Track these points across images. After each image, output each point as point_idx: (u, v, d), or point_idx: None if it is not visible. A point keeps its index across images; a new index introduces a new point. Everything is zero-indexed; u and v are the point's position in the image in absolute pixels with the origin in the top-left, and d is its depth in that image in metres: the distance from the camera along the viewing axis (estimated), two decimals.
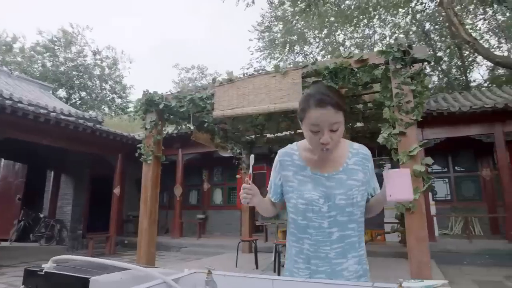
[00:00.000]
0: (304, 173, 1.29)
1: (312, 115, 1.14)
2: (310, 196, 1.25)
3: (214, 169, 12.03)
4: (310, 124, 1.16)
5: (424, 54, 3.54)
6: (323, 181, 1.26)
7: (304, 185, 1.27)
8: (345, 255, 1.26)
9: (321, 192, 1.25)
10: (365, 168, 1.29)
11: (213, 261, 6.61)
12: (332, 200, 1.24)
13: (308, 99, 1.17)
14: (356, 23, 15.25)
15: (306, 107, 1.17)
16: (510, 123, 6.96)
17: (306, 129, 1.20)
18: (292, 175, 1.30)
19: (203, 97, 4.68)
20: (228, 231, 10.84)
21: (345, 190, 1.24)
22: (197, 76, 22.37)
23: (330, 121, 1.13)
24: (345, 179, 1.25)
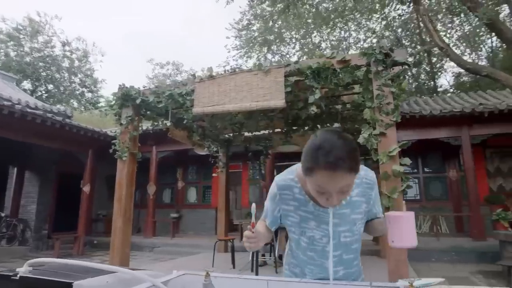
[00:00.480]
0: (306, 208, 1.18)
1: (319, 178, 0.96)
2: (312, 236, 1.19)
3: (189, 167, 11.83)
4: (318, 186, 0.98)
5: (404, 58, 3.64)
6: (327, 218, 1.16)
7: (306, 222, 1.19)
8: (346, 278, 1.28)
9: (324, 231, 1.17)
10: (368, 198, 1.21)
11: (188, 261, 6.48)
12: (336, 238, 1.18)
13: (317, 156, 0.94)
14: (333, 25, 15.55)
15: (314, 166, 0.95)
16: (476, 127, 7.34)
17: (311, 186, 1.02)
18: (293, 210, 1.20)
19: (182, 93, 4.56)
20: (202, 230, 10.69)
21: (349, 226, 1.18)
22: (172, 73, 21.90)
23: (340, 185, 0.96)
24: (349, 213, 1.17)
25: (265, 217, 1.30)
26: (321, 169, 0.93)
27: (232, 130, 6.63)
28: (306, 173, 1.01)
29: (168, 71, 22.07)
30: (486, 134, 7.34)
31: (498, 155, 8.34)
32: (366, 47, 3.87)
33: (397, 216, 1.03)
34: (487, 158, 8.44)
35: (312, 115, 5.83)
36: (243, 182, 11.17)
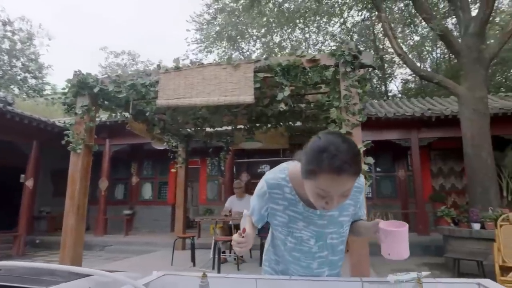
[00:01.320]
0: (296, 208, 1.16)
1: (323, 182, 0.93)
2: (300, 236, 1.18)
3: (144, 162, 11.35)
4: (321, 189, 0.96)
5: (371, 61, 3.78)
6: (315, 219, 1.16)
7: (295, 223, 1.17)
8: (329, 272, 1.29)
9: (312, 232, 1.17)
10: (356, 202, 1.22)
11: (145, 259, 6.21)
12: (323, 240, 1.18)
13: (321, 160, 0.92)
14: (294, 26, 15.84)
15: (317, 169, 0.93)
16: (424, 130, 7.92)
17: (312, 189, 0.99)
18: (282, 210, 1.18)
19: (146, 84, 4.33)
20: (157, 228, 10.34)
21: (337, 228, 1.19)
22: (127, 63, 20.82)
23: (343, 189, 0.96)
24: (337, 216, 1.18)
25: (252, 214, 1.26)
26: (326, 172, 0.91)
27: (194, 124, 6.46)
28: (307, 176, 0.98)
29: (123, 60, 20.94)
30: (432, 137, 7.95)
31: (441, 157, 9.08)
32: (334, 49, 3.95)
33: (394, 231, 1.04)
34: (432, 159, 9.15)
35: (277, 113, 5.88)
36: (201, 178, 10.98)
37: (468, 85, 5.48)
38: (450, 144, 8.59)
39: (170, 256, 5.83)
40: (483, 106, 5.43)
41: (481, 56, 5.45)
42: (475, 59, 5.42)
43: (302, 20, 13.45)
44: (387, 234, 1.04)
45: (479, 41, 5.53)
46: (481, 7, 5.64)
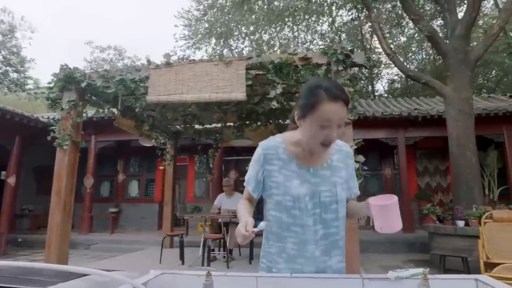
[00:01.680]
0: (290, 167, 1.22)
1: (325, 110, 1.06)
2: (297, 192, 1.19)
3: (131, 159, 11.17)
4: (322, 119, 1.07)
5: (362, 60, 3.82)
6: (309, 177, 1.21)
7: (290, 181, 1.21)
8: (329, 253, 1.24)
9: (307, 189, 1.20)
10: (347, 166, 1.28)
11: (132, 258, 6.12)
12: (316, 197, 1.20)
13: (318, 92, 1.08)
14: (282, 24, 15.85)
15: (317, 101, 1.07)
16: (410, 129, 8.06)
17: (312, 124, 1.10)
18: (277, 170, 1.22)
19: (135, 79, 4.25)
20: (143, 226, 10.21)
21: (329, 187, 1.21)
22: (114, 58, 20.39)
23: (340, 116, 1.08)
24: (329, 175, 1.23)
25: (248, 184, 1.28)
26: (325, 101, 1.06)
27: (183, 121, 6.39)
28: (308, 111, 1.10)
29: (109, 55, 20.48)
30: (418, 136, 8.10)
31: (426, 156, 9.27)
32: (325, 47, 3.97)
33: (384, 205, 1.05)
34: (417, 158, 9.34)
35: (267, 111, 5.88)
36: (189, 176, 10.89)
37: (454, 86, 5.61)
38: (435, 144, 8.79)
39: (158, 254, 5.76)
40: (468, 107, 5.56)
41: (467, 57, 5.58)
42: (461, 61, 5.55)
43: (291, 19, 13.46)
44: (378, 209, 1.05)
45: (465, 43, 5.67)
46: (467, 10, 5.77)
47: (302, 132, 1.18)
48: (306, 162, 1.23)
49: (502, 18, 5.57)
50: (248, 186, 1.28)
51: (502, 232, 4.19)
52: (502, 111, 7.25)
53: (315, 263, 1.22)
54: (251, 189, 1.27)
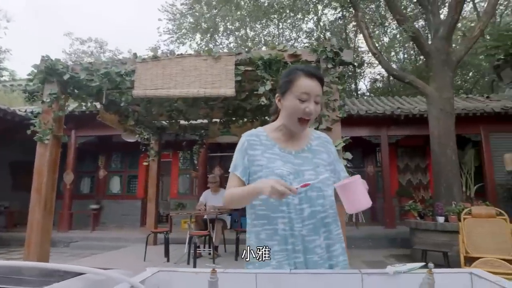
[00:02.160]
0: (272, 151, 1.28)
1: (303, 84, 1.19)
2: (280, 172, 1.22)
3: (112, 155, 10.92)
4: (300, 92, 1.19)
5: (351, 58, 3.85)
6: (291, 159, 1.27)
7: (273, 162, 1.25)
8: (317, 232, 1.25)
9: (290, 168, 1.24)
10: (328, 150, 1.35)
11: (115, 255, 5.99)
12: (301, 176, 1.23)
13: (296, 71, 1.23)
14: (268, 21, 15.81)
15: (295, 77, 1.21)
16: (393, 128, 8.24)
17: (292, 98, 1.21)
18: (260, 154, 1.27)
19: (121, 73, 4.14)
20: (126, 223, 10.02)
21: (312, 167, 1.26)
22: (94, 50, 19.77)
23: (317, 92, 1.21)
24: (311, 157, 1.29)
25: (235, 169, 1.30)
26: (302, 76, 1.20)
27: (169, 117, 6.30)
28: (287, 87, 1.23)
29: (89, 48, 19.84)
30: (400, 135, 8.29)
31: (407, 154, 9.51)
32: (314, 45, 3.98)
33: (346, 184, 1.06)
34: (399, 156, 9.56)
35: (254, 107, 5.87)
36: (173, 172, 10.74)
37: (437, 86, 5.76)
38: (416, 142, 9.02)
39: (141, 252, 5.67)
40: (450, 107, 5.73)
41: (448, 58, 5.74)
42: (444, 61, 5.71)
43: (277, 16, 13.45)
44: (340, 189, 1.07)
45: (447, 44, 5.82)
46: (450, 12, 5.93)
47: (282, 114, 1.28)
48: (287, 146, 1.30)
49: (483, 21, 5.76)
50: (235, 171, 1.29)
51: (480, 227, 4.35)
52: (480, 111, 7.52)
53: (303, 243, 1.22)
54: (239, 172, 1.28)
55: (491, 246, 4.07)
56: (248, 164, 1.28)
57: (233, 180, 1.29)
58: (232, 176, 1.30)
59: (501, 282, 1.07)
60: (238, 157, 1.31)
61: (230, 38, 18.45)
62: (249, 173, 1.29)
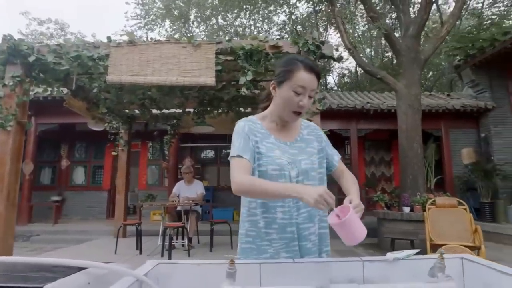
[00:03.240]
0: (269, 140, 1.29)
1: (301, 77, 1.18)
2: (281, 161, 1.24)
3: (76, 144, 10.38)
4: (297, 85, 1.18)
5: (331, 52, 3.91)
6: (287, 149, 1.29)
7: (272, 151, 1.26)
8: (311, 220, 1.28)
9: (288, 158, 1.26)
10: (318, 137, 1.37)
11: (83, 249, 5.73)
12: (298, 165, 1.26)
13: (296, 62, 1.21)
14: (239, 11, 15.65)
15: (295, 68, 1.19)
16: (362, 122, 8.52)
17: (288, 89, 1.20)
18: (259, 141, 1.27)
19: (93, 57, 3.91)
20: (90, 215, 9.62)
21: (307, 156, 1.29)
22: (54, 32, 18.46)
23: (313, 87, 1.21)
24: (304, 146, 1.32)
25: (244, 153, 1.22)
26: (301, 69, 1.18)
27: (141, 105, 6.06)
28: (285, 77, 1.21)
29: (48, 29, 18.48)
30: (368, 128, 8.60)
31: (374, 147, 9.91)
32: (296, 37, 3.99)
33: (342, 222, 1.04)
34: (366, 149, 9.94)
35: (230, 98, 5.80)
36: (141, 162, 10.43)
37: (406, 82, 6.03)
38: (381, 136, 9.42)
39: (110, 245, 5.49)
40: (417, 103, 6.03)
41: (417, 56, 6.01)
42: (413, 59, 5.97)
43: (251, 6, 13.34)
44: (338, 227, 1.05)
45: (417, 43, 6.09)
46: (419, 12, 6.19)
47: (276, 101, 1.28)
48: (281, 137, 1.31)
49: (449, 23, 6.08)
50: (244, 155, 1.21)
51: (443, 216, 4.65)
52: (442, 108, 7.98)
53: (298, 230, 1.25)
54: (248, 157, 1.21)
55: (454, 234, 4.38)
56: (253, 148, 1.25)
57: (243, 166, 1.20)
58: (239, 161, 1.20)
59: (492, 265, 1.15)
60: (242, 141, 1.24)
61: (201, 27, 18.07)
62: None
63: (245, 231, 1.32)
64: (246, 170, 1.19)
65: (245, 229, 1.32)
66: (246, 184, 1.15)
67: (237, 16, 16.70)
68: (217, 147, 10.69)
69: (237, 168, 1.19)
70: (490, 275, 1.15)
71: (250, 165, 1.21)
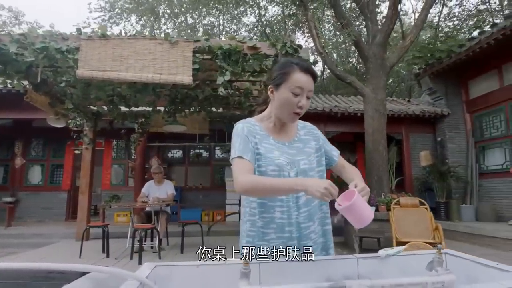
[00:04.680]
0: (268, 141, 1.30)
1: (298, 78, 1.21)
2: (280, 162, 1.26)
3: (32, 141, 9.72)
4: (295, 87, 1.21)
5: (307, 56, 4.01)
6: (286, 149, 1.31)
7: (271, 152, 1.28)
8: (311, 219, 1.31)
9: (287, 159, 1.28)
10: (315, 137, 1.40)
11: (42, 253, 5.37)
12: (297, 165, 1.29)
13: (291, 65, 1.24)
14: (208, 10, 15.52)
15: (291, 70, 1.22)
16: (329, 124, 8.77)
17: (285, 91, 1.22)
18: (258, 143, 1.29)
19: (62, 49, 3.69)
20: (48, 217, 9.07)
21: (305, 156, 1.32)
22: (7, 21, 17.09)
23: (310, 88, 1.23)
24: (302, 147, 1.34)
25: (244, 154, 1.22)
26: (297, 70, 1.21)
27: (109, 102, 5.81)
28: (282, 80, 1.23)
29: (0, 17, 17.09)
30: (336, 131, 8.87)
31: (340, 149, 9.85)
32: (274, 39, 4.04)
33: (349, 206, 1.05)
34: None
35: (203, 97, 5.74)
36: (105, 162, 9.98)
37: (372, 88, 6.31)
38: (347, 138, 9.76)
39: (73, 248, 5.22)
40: (383, 107, 6.34)
41: (384, 63, 6.32)
42: (380, 66, 6.27)
43: (222, 7, 13.27)
44: (346, 211, 1.06)
45: (383, 50, 6.41)
46: (386, 21, 6.52)
47: (274, 104, 1.29)
48: (281, 138, 1.33)
49: (413, 33, 6.46)
50: (244, 156, 1.22)
51: (407, 215, 4.93)
52: (403, 113, 8.44)
53: (299, 229, 1.27)
54: (249, 158, 1.22)
55: (416, 232, 4.66)
56: (253, 149, 1.26)
57: (244, 165, 1.21)
58: (241, 162, 1.22)
59: (474, 258, 1.25)
60: (242, 142, 1.26)
61: (168, 23, 17.65)
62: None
63: (245, 231, 1.32)
64: (249, 170, 1.21)
65: (246, 229, 1.32)
66: (251, 183, 1.16)
67: (206, 14, 16.54)
68: (185, 147, 10.50)
69: (239, 169, 1.21)
70: (473, 268, 1.25)
71: (251, 165, 1.22)
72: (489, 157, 7.84)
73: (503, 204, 7.14)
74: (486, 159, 7.90)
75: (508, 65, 7.19)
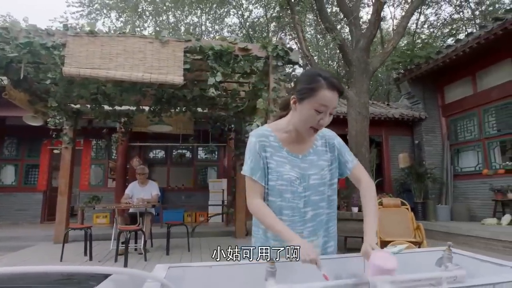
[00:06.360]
0: (281, 154, 1.30)
1: (324, 96, 1.16)
2: (289, 177, 1.28)
3: (5, 140, 9.29)
4: (320, 104, 1.16)
5: (297, 59, 4.07)
6: (298, 163, 1.31)
7: (282, 166, 1.29)
8: (316, 233, 1.34)
9: (297, 173, 1.29)
10: (331, 148, 1.38)
11: (20, 257, 5.13)
12: (306, 180, 1.30)
13: (319, 80, 1.17)
14: (190, 9, 15.41)
15: (318, 87, 1.16)
16: None
17: (309, 107, 1.18)
18: (270, 156, 1.29)
19: (47, 45, 3.57)
20: (22, 219, 8.69)
21: (317, 171, 1.32)
22: None
23: (334, 105, 1.20)
24: (316, 160, 1.33)
25: (254, 174, 1.28)
26: (324, 88, 1.16)
27: (93, 100, 5.66)
28: (307, 94, 1.18)
29: None
30: None
31: None
32: (265, 41, 4.08)
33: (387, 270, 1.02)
34: None
35: (190, 97, 5.70)
36: (83, 162, 9.67)
37: (356, 91, 6.47)
38: None
39: (53, 251, 5.05)
40: (365, 110, 6.50)
41: (367, 68, 6.49)
42: (363, 70, 6.43)
43: (207, 8, 13.20)
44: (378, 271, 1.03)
45: (366, 55, 6.58)
46: (369, 27, 6.70)
47: (295, 115, 1.26)
48: (295, 149, 1.32)
49: (395, 39, 6.68)
50: (253, 176, 1.27)
51: (389, 215, 5.09)
52: (383, 116, 8.70)
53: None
54: (258, 177, 1.27)
55: (398, 231, 4.82)
56: (264, 166, 1.29)
57: (253, 187, 1.28)
58: (250, 182, 1.28)
59: (474, 255, 1.33)
60: (253, 160, 1.29)
61: (149, 21, 17.35)
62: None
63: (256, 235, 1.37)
64: (258, 192, 1.28)
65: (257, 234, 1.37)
66: (254, 209, 1.26)
67: (189, 14, 16.39)
68: (168, 147, 10.36)
69: (249, 189, 1.29)
70: (473, 264, 1.32)
71: (260, 186, 1.28)
72: (463, 160, 8.22)
73: (476, 204, 7.50)
74: (461, 161, 8.27)
75: (481, 72, 7.57)
